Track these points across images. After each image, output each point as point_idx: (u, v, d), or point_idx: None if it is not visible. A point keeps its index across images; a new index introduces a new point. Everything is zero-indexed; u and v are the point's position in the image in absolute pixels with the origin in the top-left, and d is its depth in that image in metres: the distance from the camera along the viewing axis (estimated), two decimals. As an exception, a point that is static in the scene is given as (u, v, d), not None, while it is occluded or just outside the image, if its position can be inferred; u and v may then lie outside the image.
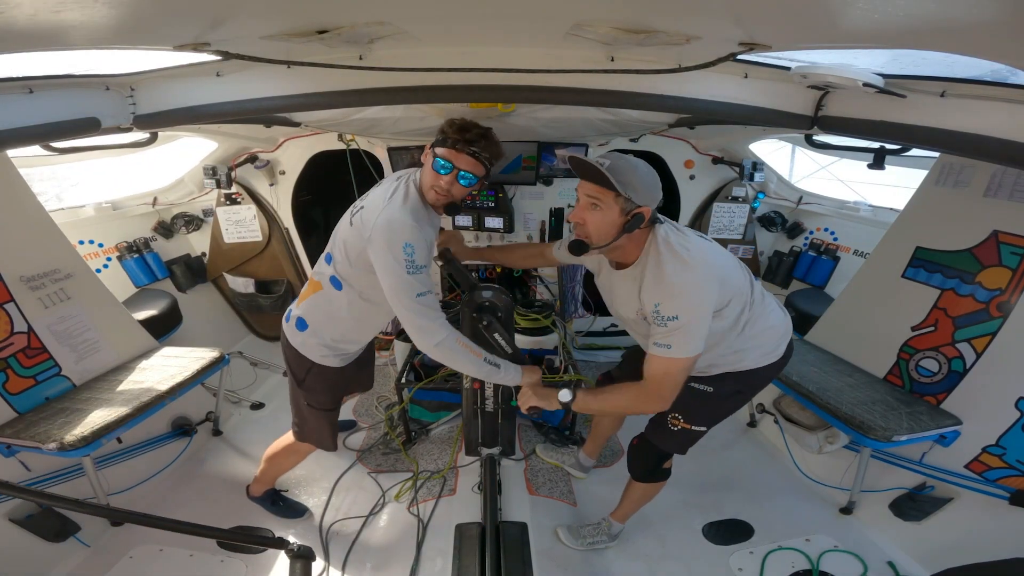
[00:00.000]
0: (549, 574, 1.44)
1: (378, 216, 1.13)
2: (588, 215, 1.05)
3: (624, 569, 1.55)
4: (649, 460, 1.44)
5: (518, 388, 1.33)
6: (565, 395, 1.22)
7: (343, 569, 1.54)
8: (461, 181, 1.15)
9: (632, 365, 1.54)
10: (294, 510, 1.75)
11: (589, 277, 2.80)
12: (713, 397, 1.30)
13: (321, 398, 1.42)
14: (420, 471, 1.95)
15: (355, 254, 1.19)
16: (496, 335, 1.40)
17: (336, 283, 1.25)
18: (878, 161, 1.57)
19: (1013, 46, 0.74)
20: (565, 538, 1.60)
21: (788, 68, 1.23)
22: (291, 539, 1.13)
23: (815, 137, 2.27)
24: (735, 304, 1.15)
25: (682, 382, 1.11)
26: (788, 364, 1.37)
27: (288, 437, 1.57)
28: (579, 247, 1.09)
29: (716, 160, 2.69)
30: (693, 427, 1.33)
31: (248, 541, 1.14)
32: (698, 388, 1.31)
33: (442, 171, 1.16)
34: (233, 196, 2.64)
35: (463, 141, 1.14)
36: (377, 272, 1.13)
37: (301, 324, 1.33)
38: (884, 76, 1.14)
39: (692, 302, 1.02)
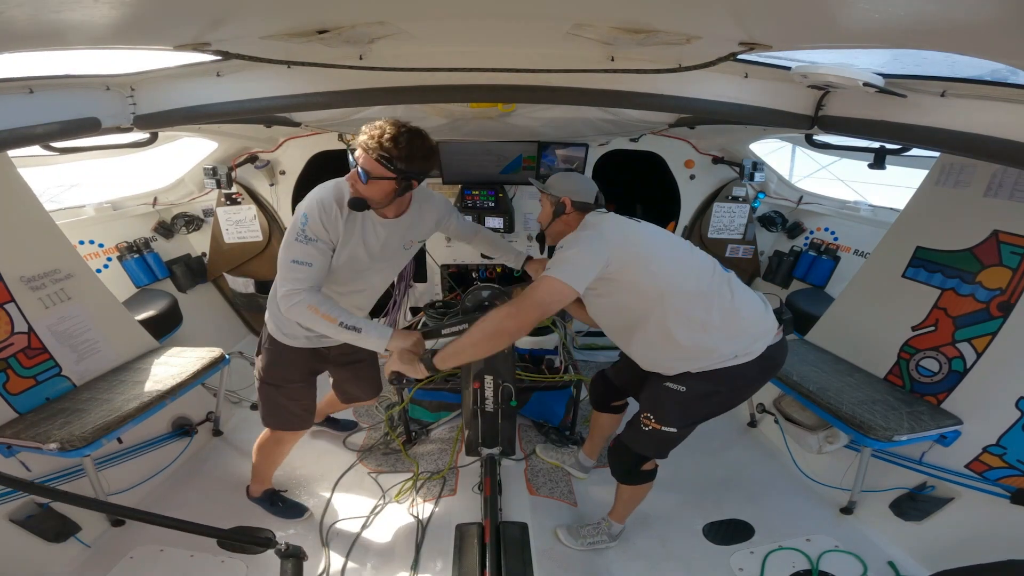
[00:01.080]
0: (549, 574, 1.44)
1: (436, 206, 1.47)
2: (540, 213, 1.50)
3: (625, 569, 1.55)
4: (626, 462, 1.43)
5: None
6: (426, 353, 1.20)
7: (343, 569, 1.54)
8: (361, 177, 1.20)
9: (628, 364, 1.54)
10: (294, 510, 1.75)
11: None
12: (686, 397, 1.28)
13: (268, 369, 1.50)
14: (420, 471, 1.95)
15: None
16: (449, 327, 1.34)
17: None
18: (878, 161, 1.57)
19: (1013, 46, 0.74)
20: (565, 538, 1.61)
21: (788, 68, 1.23)
22: (281, 536, 1.12)
23: (815, 137, 2.27)
24: (656, 281, 1.20)
25: (543, 305, 1.12)
26: (787, 364, 1.36)
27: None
28: (539, 236, 1.52)
29: (716, 160, 2.69)
30: (663, 427, 1.31)
31: (235, 539, 1.12)
32: (671, 387, 1.29)
33: (352, 168, 1.24)
34: (233, 196, 2.64)
35: (366, 140, 1.20)
36: (450, 232, 1.56)
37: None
38: (884, 76, 1.14)
39: (580, 241, 1.21)
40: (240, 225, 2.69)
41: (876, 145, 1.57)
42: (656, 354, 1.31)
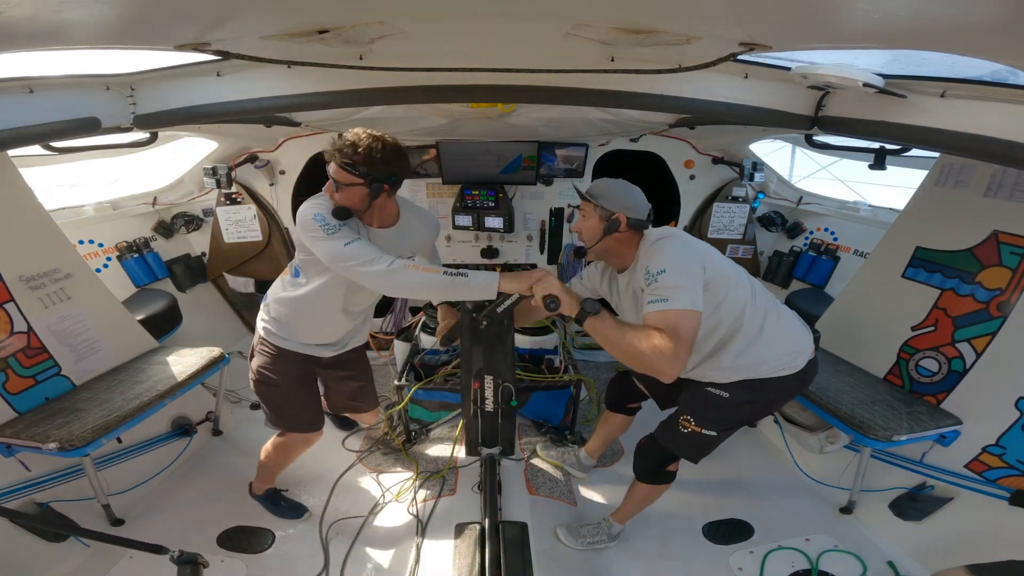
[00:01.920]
0: (549, 574, 1.44)
1: (428, 220, 1.49)
2: (581, 224, 1.32)
3: (624, 569, 1.55)
4: (655, 460, 1.43)
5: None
6: (592, 305, 1.12)
7: (343, 569, 1.54)
8: (335, 187, 1.26)
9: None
10: (294, 510, 1.75)
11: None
12: (728, 403, 1.30)
13: (262, 369, 1.49)
14: (420, 471, 1.95)
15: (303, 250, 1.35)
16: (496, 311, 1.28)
17: (296, 272, 1.43)
18: (879, 161, 1.57)
19: (1013, 46, 0.74)
20: (564, 538, 1.61)
21: (788, 68, 1.23)
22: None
23: (815, 137, 2.27)
24: (730, 293, 1.20)
25: (691, 341, 1.06)
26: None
27: None
28: (580, 251, 1.35)
29: (716, 160, 2.69)
30: (703, 431, 1.32)
31: (128, 545, 1.09)
32: (714, 392, 1.31)
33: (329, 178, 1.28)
34: (233, 196, 2.63)
35: (330, 149, 1.24)
36: (318, 255, 1.24)
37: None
38: (884, 76, 1.14)
39: (675, 258, 1.14)
40: (240, 225, 2.69)
41: (876, 145, 1.58)
42: (706, 363, 1.30)
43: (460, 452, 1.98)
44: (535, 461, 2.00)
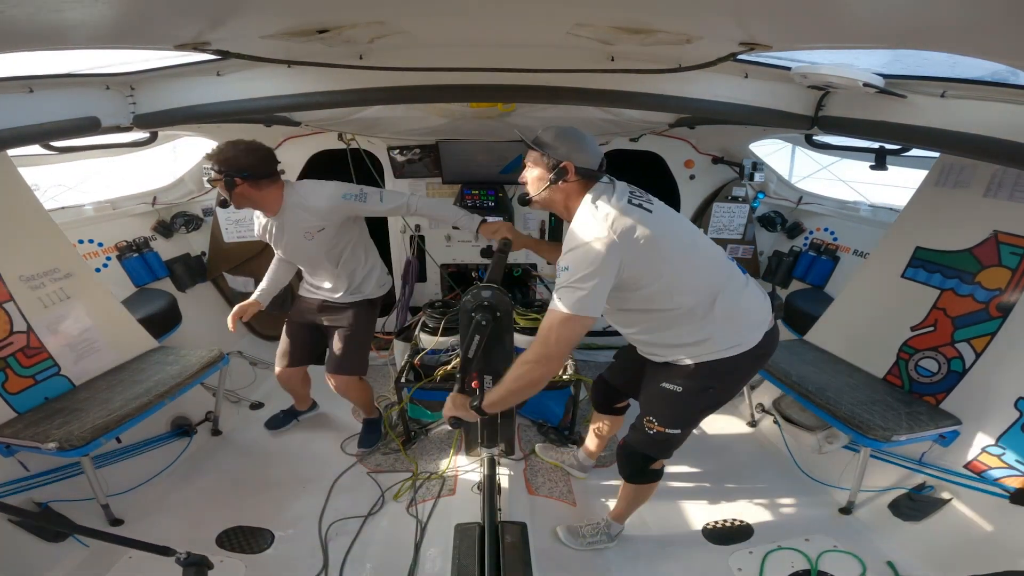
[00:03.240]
0: (549, 574, 1.44)
1: (316, 201, 1.65)
2: (526, 173, 1.27)
3: (624, 569, 1.55)
4: (635, 462, 1.43)
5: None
6: (474, 400, 1.27)
7: (341, 569, 1.53)
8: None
9: (624, 365, 1.54)
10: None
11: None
12: (683, 396, 1.27)
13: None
14: (420, 471, 1.94)
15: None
16: (477, 337, 1.31)
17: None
18: (880, 162, 1.57)
19: (1014, 47, 0.74)
20: (564, 538, 1.61)
21: (788, 68, 1.23)
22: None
23: (815, 137, 2.27)
24: (663, 279, 1.13)
25: (567, 343, 1.08)
26: (787, 364, 1.35)
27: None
28: (523, 199, 1.31)
29: (716, 160, 2.69)
30: (667, 430, 1.30)
31: (135, 546, 1.09)
32: (668, 388, 1.28)
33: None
34: (233, 196, 2.63)
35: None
36: (372, 212, 1.72)
37: None
38: (884, 76, 1.14)
39: (581, 254, 1.07)
40: (240, 224, 2.68)
41: (876, 145, 1.58)
42: (655, 341, 1.29)
43: (460, 452, 1.98)
44: (534, 461, 1.99)
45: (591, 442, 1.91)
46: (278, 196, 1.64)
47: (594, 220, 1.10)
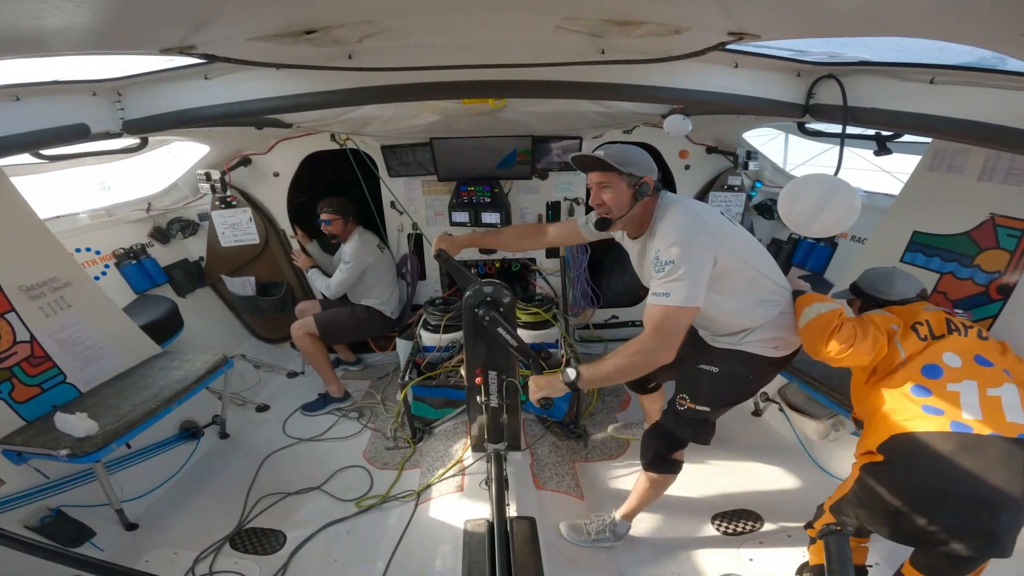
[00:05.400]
0: (559, 568, 1.45)
1: None
2: (604, 196, 1.25)
3: (633, 561, 1.56)
4: (659, 446, 1.45)
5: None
6: (569, 374, 1.19)
7: (353, 568, 1.56)
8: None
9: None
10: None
11: (591, 269, 2.77)
12: (718, 377, 1.35)
13: None
14: (426, 468, 1.96)
15: None
16: (500, 329, 1.41)
17: None
18: (881, 147, 1.56)
19: (998, 33, 0.74)
20: (567, 534, 1.61)
21: (778, 57, 1.22)
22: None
23: (808, 125, 2.25)
24: (737, 264, 1.21)
25: (681, 332, 1.13)
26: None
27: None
28: (603, 223, 1.31)
29: (710, 150, 2.67)
30: (697, 406, 1.37)
31: None
32: (705, 368, 1.36)
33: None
34: (228, 199, 2.62)
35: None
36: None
37: None
38: (873, 63, 1.13)
39: (690, 246, 1.13)
40: (236, 228, 2.68)
41: (868, 132, 1.56)
42: (728, 322, 1.32)
43: (466, 449, 2.00)
44: (541, 455, 2.01)
45: (651, 411, 1.93)
46: None
47: (687, 219, 1.18)
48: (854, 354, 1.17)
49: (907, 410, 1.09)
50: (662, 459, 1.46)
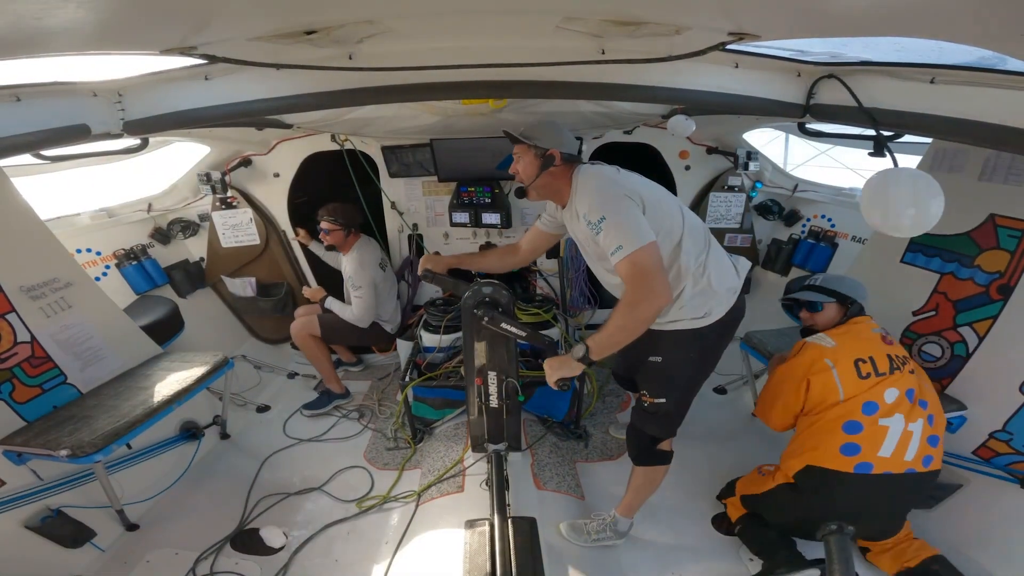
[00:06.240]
0: (560, 568, 1.45)
1: None
2: (517, 166, 1.39)
3: (634, 560, 1.56)
4: (641, 441, 1.47)
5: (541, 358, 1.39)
6: (578, 351, 1.19)
7: (354, 568, 1.55)
8: None
9: (627, 351, 1.57)
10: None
11: (591, 270, 2.77)
12: (664, 365, 1.35)
13: None
14: (426, 469, 1.96)
15: None
16: (504, 324, 1.43)
17: None
18: (878, 148, 1.56)
19: (998, 33, 0.74)
20: (567, 534, 1.61)
21: (779, 57, 1.22)
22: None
23: (808, 125, 2.25)
24: (663, 224, 1.22)
25: (658, 270, 1.14)
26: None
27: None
28: (520, 191, 1.42)
29: (710, 150, 2.67)
30: (655, 400, 1.38)
31: None
32: (650, 361, 1.38)
33: None
34: (228, 200, 2.63)
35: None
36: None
37: None
38: (874, 63, 1.12)
39: (606, 197, 1.19)
40: (237, 229, 2.68)
41: (869, 132, 1.56)
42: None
43: (467, 449, 2.00)
44: (541, 455, 2.01)
45: None
46: None
47: (598, 178, 1.25)
48: (778, 421, 1.50)
49: (826, 447, 1.31)
50: (648, 452, 1.48)
